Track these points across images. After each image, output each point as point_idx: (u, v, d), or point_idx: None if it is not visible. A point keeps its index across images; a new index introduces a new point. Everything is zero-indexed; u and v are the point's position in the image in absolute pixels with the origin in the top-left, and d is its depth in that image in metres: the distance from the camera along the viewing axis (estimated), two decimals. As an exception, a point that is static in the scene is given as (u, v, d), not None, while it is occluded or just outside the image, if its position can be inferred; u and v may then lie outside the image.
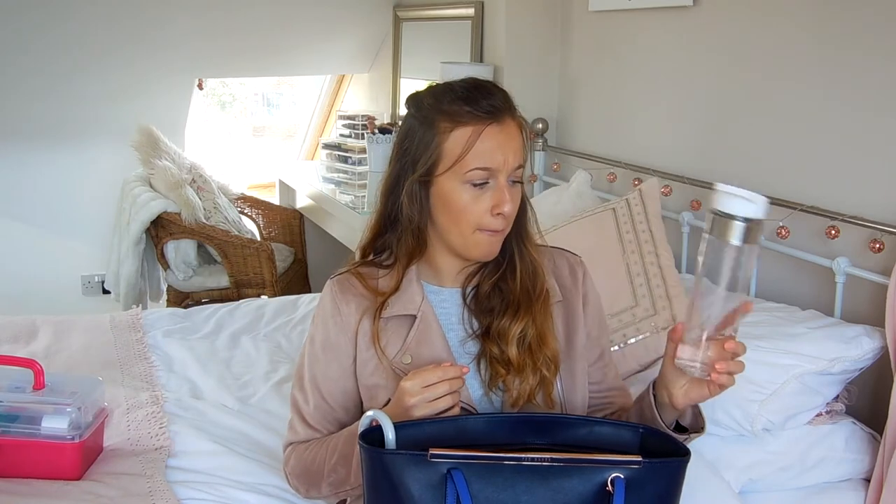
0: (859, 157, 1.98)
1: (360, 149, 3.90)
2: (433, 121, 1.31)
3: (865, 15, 1.96)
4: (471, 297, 1.39)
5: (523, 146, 1.32)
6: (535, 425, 1.22)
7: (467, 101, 1.29)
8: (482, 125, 1.28)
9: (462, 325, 1.39)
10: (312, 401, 1.42)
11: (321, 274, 4.08)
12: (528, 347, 1.33)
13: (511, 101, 1.33)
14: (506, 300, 1.36)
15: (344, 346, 1.39)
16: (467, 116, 1.28)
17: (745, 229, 1.12)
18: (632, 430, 1.23)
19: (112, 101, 4.05)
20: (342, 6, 4.21)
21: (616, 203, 2.32)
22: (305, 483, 1.43)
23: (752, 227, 1.12)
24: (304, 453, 1.42)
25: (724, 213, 1.13)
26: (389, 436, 1.15)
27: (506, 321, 1.34)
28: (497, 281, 1.37)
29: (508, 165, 1.29)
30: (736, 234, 1.12)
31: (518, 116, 1.33)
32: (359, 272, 1.41)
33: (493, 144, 1.28)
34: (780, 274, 2.16)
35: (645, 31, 2.72)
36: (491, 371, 1.34)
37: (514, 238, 1.37)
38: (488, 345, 1.35)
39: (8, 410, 1.60)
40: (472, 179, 1.28)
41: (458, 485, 1.11)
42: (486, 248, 1.32)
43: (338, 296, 1.39)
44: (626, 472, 1.13)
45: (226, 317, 2.61)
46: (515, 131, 1.31)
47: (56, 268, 4.24)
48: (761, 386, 1.71)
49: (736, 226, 1.12)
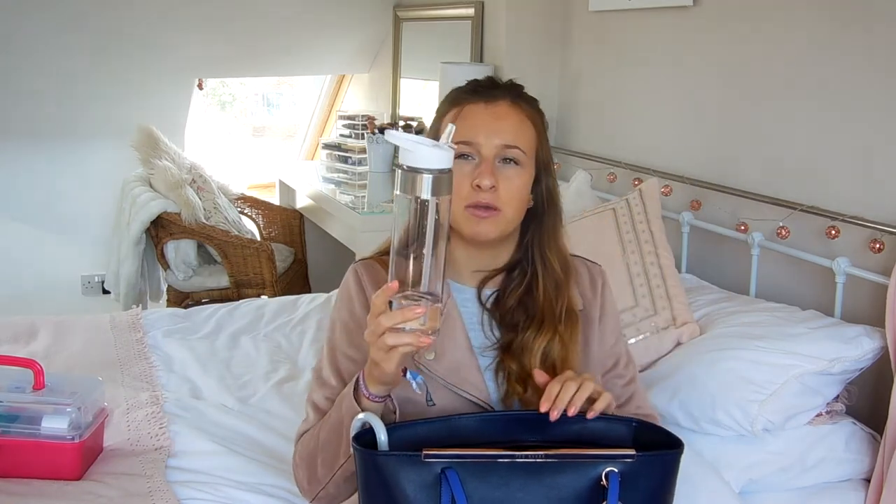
0: (859, 157, 1.98)
1: (360, 149, 3.90)
2: (440, 109, 1.40)
3: (865, 15, 1.96)
4: (490, 303, 1.38)
5: (518, 130, 1.33)
6: (527, 422, 1.21)
7: (469, 87, 1.38)
8: (467, 103, 1.34)
9: (482, 328, 1.37)
10: (329, 386, 1.38)
11: (321, 274, 4.08)
12: (553, 367, 1.31)
13: (517, 91, 1.37)
14: (529, 314, 1.34)
15: (365, 324, 1.38)
16: (462, 99, 1.36)
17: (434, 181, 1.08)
18: (625, 424, 1.23)
19: (112, 101, 4.05)
20: (342, 6, 4.21)
21: (616, 203, 2.32)
22: (307, 470, 1.36)
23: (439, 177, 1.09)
24: (306, 437, 1.38)
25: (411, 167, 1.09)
26: (381, 437, 1.15)
27: (529, 334, 1.32)
28: (522, 295, 1.36)
29: (493, 142, 1.30)
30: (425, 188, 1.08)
31: (522, 105, 1.35)
32: (382, 260, 1.41)
33: (476, 121, 1.32)
34: (780, 274, 2.16)
35: (645, 31, 2.72)
36: (508, 387, 1.33)
37: (535, 245, 1.36)
38: (507, 361, 1.33)
39: (8, 410, 1.60)
40: (455, 154, 1.29)
41: (452, 484, 1.10)
42: (472, 228, 1.30)
43: (363, 276, 1.39)
44: (621, 465, 1.13)
45: (226, 317, 2.60)
46: (509, 112, 1.33)
47: (56, 268, 4.25)
48: (761, 386, 1.72)
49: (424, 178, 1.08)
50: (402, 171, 1.09)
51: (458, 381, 1.31)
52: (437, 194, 1.09)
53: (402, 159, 1.09)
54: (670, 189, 2.46)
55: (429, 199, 1.08)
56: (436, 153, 1.09)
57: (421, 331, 1.11)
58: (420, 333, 1.12)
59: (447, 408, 1.29)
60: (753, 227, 2.18)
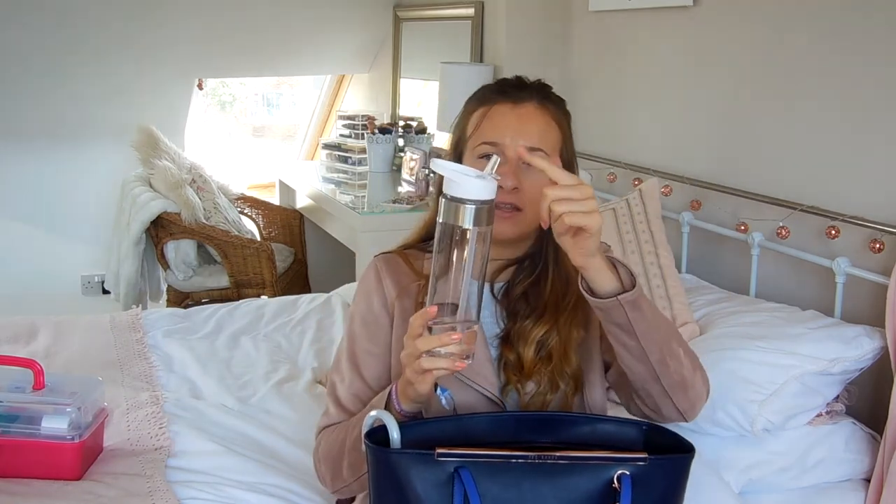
0: (859, 157, 1.98)
1: (360, 149, 3.90)
2: (467, 106, 1.40)
3: (865, 15, 1.96)
4: (501, 294, 1.39)
5: (543, 132, 1.33)
6: (538, 423, 1.22)
7: (497, 86, 1.38)
8: (495, 103, 1.34)
9: (495, 321, 1.38)
10: (349, 380, 1.40)
11: (321, 274, 4.09)
12: (548, 356, 1.31)
13: (545, 92, 1.37)
14: (532, 304, 1.35)
15: (384, 319, 1.39)
16: (489, 98, 1.36)
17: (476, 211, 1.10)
18: (635, 426, 1.23)
19: (112, 101, 4.05)
20: (342, 6, 4.21)
21: (616, 203, 2.32)
22: (331, 469, 1.38)
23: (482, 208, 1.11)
24: (331, 435, 1.39)
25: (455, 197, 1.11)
26: (394, 435, 1.15)
27: (528, 323, 1.33)
28: (529, 286, 1.36)
29: (517, 143, 1.30)
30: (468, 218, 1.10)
31: (548, 107, 1.35)
32: (404, 253, 1.43)
33: (502, 121, 1.33)
34: (780, 274, 2.16)
35: (645, 31, 2.72)
36: (504, 376, 1.33)
37: (550, 242, 1.34)
38: (506, 351, 1.33)
39: (8, 410, 1.60)
40: (480, 153, 1.32)
41: (466, 483, 1.10)
42: (496, 224, 1.30)
43: (382, 270, 1.41)
44: (633, 469, 1.13)
45: (226, 317, 2.60)
46: (535, 115, 1.33)
47: (56, 268, 4.25)
48: (761, 386, 1.72)
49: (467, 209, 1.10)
50: (445, 200, 1.11)
51: (471, 373, 1.31)
52: (479, 224, 1.11)
53: (445, 189, 1.12)
54: (670, 189, 2.46)
55: (470, 229, 1.10)
56: (479, 184, 1.11)
57: (456, 355, 1.14)
58: (455, 358, 1.14)
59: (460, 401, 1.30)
60: (753, 227, 2.18)
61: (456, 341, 1.13)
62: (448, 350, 1.13)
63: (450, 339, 1.13)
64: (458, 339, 1.13)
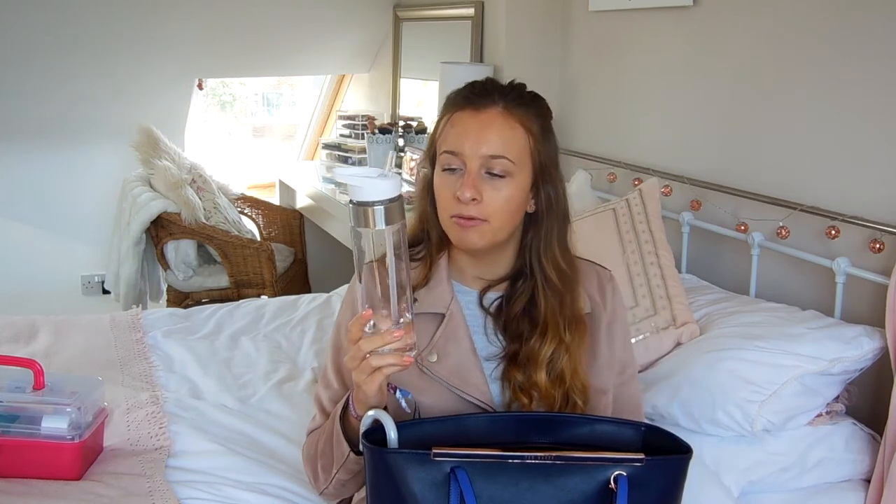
0: (859, 157, 1.98)
1: (360, 149, 3.90)
2: (441, 110, 1.36)
3: (865, 15, 1.95)
4: (494, 308, 1.37)
5: (506, 139, 1.27)
6: (536, 424, 1.22)
7: (463, 91, 1.33)
8: (458, 110, 1.31)
9: (485, 333, 1.37)
10: (333, 388, 1.42)
11: (321, 274, 4.09)
12: (559, 376, 1.30)
13: (515, 94, 1.31)
14: (534, 324, 1.33)
15: None
16: (454, 105, 1.32)
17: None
18: (633, 427, 1.23)
19: (112, 101, 4.05)
20: (342, 6, 4.21)
21: (616, 203, 2.32)
22: (311, 470, 1.42)
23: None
24: (311, 439, 1.43)
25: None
26: (392, 435, 1.15)
27: (534, 343, 1.31)
28: (526, 304, 1.34)
29: (477, 152, 1.26)
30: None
31: (514, 111, 1.29)
32: None
33: (461, 129, 1.29)
34: (780, 274, 2.16)
35: (645, 31, 2.72)
36: (512, 397, 1.32)
37: (532, 252, 1.34)
38: (513, 371, 1.32)
39: (8, 410, 1.60)
40: (444, 164, 1.30)
41: (462, 484, 1.10)
42: (458, 235, 1.30)
43: None
44: (630, 469, 1.13)
45: (226, 317, 2.60)
46: (497, 121, 1.28)
47: (56, 268, 4.25)
48: (761, 386, 1.72)
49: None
50: (352, 205, 1.12)
51: (461, 383, 1.31)
52: (391, 222, 1.12)
53: (351, 195, 1.12)
54: (670, 189, 2.46)
55: (384, 229, 1.12)
56: (382, 184, 1.11)
57: (401, 349, 1.16)
58: (400, 353, 1.16)
59: (450, 410, 1.29)
60: (753, 227, 2.18)
61: (398, 338, 1.15)
62: (391, 347, 1.15)
63: (391, 336, 1.15)
64: (399, 335, 1.15)
